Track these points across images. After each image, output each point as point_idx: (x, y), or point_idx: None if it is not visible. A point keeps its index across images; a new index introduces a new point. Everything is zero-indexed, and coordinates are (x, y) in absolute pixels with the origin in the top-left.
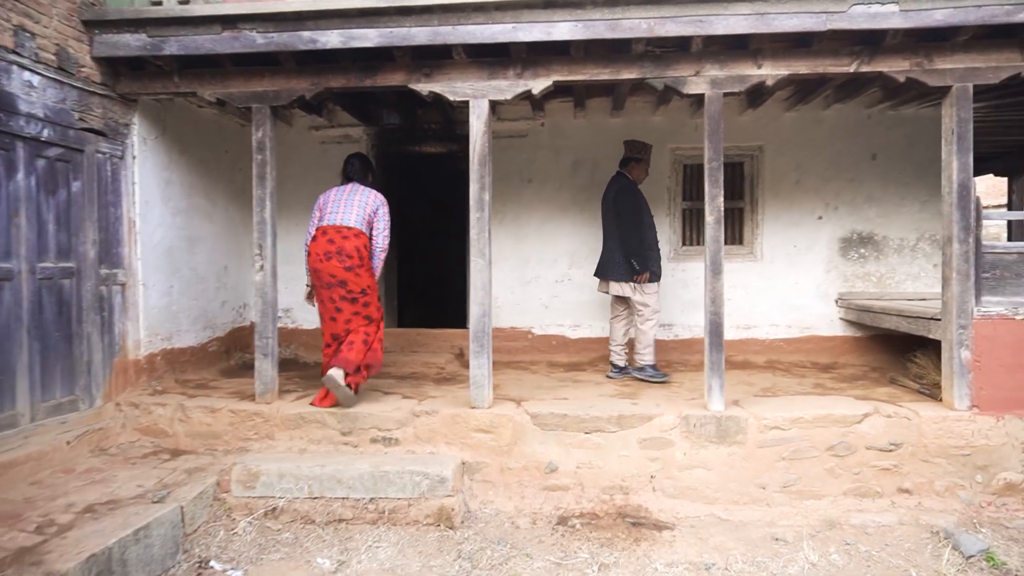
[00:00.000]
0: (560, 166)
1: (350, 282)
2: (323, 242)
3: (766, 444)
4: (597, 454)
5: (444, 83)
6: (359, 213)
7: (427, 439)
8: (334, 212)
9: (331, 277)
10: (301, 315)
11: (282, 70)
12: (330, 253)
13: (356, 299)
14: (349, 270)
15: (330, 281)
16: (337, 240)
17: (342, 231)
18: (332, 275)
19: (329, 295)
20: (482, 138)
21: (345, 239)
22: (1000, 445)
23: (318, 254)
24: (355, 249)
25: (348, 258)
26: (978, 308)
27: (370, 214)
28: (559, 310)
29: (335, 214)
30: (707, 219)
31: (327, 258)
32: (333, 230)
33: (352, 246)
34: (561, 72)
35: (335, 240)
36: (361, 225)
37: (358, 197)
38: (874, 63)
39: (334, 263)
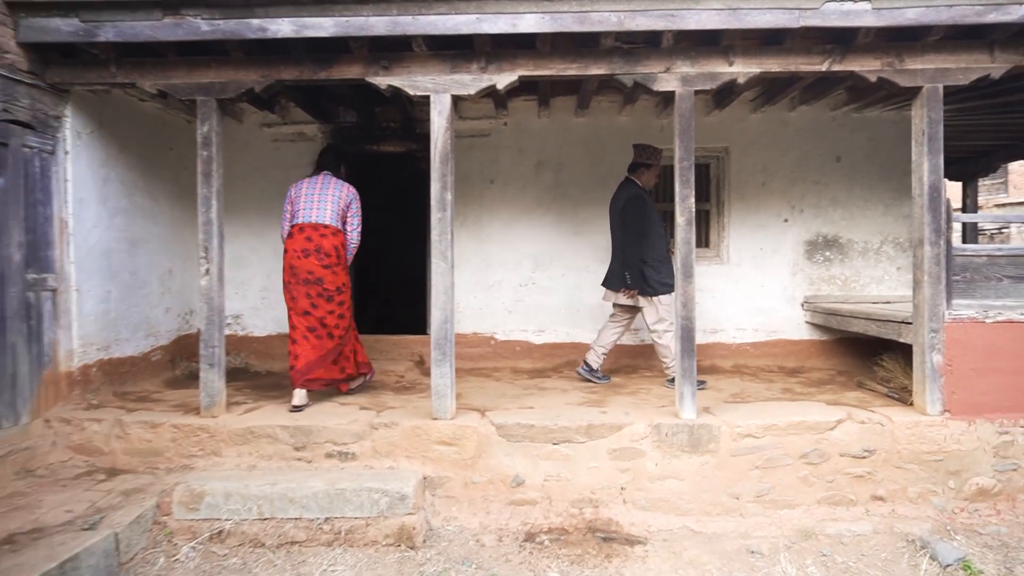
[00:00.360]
0: (524, 166)
1: (327, 280)
2: (301, 239)
3: (739, 452)
4: (565, 466)
5: (404, 77)
6: (333, 208)
7: (386, 453)
8: (308, 208)
9: (308, 274)
10: (252, 321)
11: (229, 61)
12: (308, 251)
13: (332, 297)
14: (327, 268)
15: (307, 278)
16: (315, 238)
17: (319, 229)
18: (310, 272)
19: (306, 291)
20: (444, 134)
21: (323, 237)
22: (972, 450)
23: (296, 251)
24: (332, 247)
25: (326, 256)
26: (949, 311)
27: (343, 208)
28: (523, 315)
29: (310, 210)
30: (678, 220)
31: (305, 255)
32: (310, 228)
33: (330, 244)
34: (527, 66)
35: (313, 238)
36: (336, 222)
37: (331, 191)
38: (846, 62)
39: (312, 260)
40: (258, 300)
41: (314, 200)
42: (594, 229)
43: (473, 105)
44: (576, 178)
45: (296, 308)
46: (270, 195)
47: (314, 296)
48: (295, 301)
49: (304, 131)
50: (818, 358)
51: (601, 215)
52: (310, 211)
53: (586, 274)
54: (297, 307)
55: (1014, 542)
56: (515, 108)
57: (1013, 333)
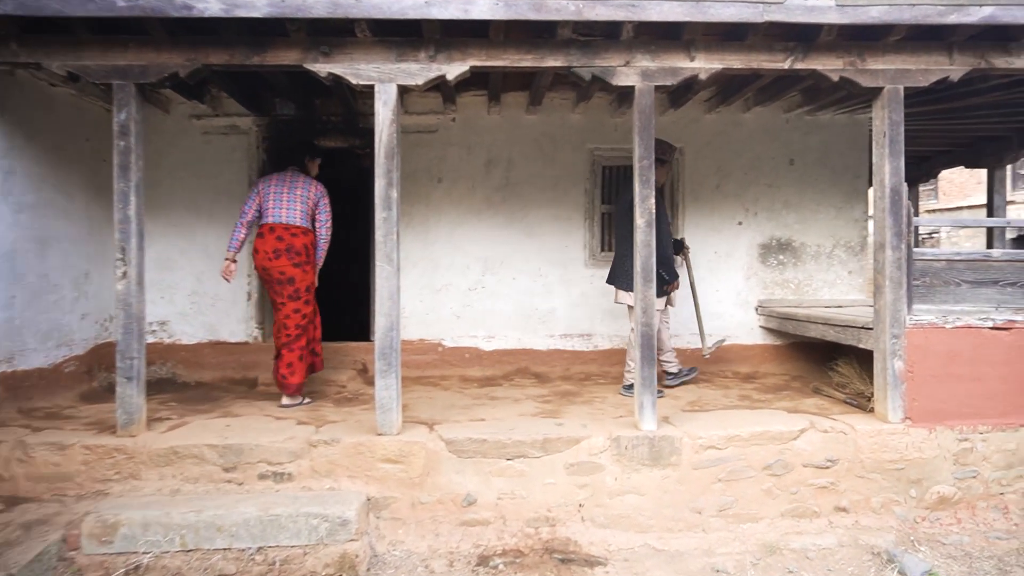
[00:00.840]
0: (473, 165)
1: (298, 279)
2: (271, 240)
3: (702, 465)
4: (520, 482)
5: (346, 64)
6: (302, 208)
7: (326, 472)
8: (277, 208)
9: (280, 274)
10: (180, 328)
11: (150, 41)
12: (279, 251)
13: (300, 297)
14: (297, 267)
15: (279, 278)
16: (286, 238)
17: (291, 229)
18: (281, 272)
19: (278, 290)
20: (389, 127)
21: (294, 236)
22: (933, 458)
23: (266, 252)
24: (303, 246)
25: (297, 255)
26: (910, 316)
27: (312, 207)
28: (472, 320)
29: (279, 210)
30: (637, 222)
31: (276, 256)
32: (281, 228)
33: (300, 243)
34: (479, 57)
35: (284, 238)
36: (306, 223)
37: (300, 190)
38: (808, 60)
39: (283, 260)
40: (187, 305)
41: (283, 199)
42: (546, 231)
43: (420, 99)
44: (528, 177)
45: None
46: (200, 191)
47: (284, 296)
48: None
49: (237, 124)
50: (772, 363)
51: (554, 216)
52: (279, 211)
53: (538, 278)
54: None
55: (976, 551)
56: (464, 103)
57: (971, 339)
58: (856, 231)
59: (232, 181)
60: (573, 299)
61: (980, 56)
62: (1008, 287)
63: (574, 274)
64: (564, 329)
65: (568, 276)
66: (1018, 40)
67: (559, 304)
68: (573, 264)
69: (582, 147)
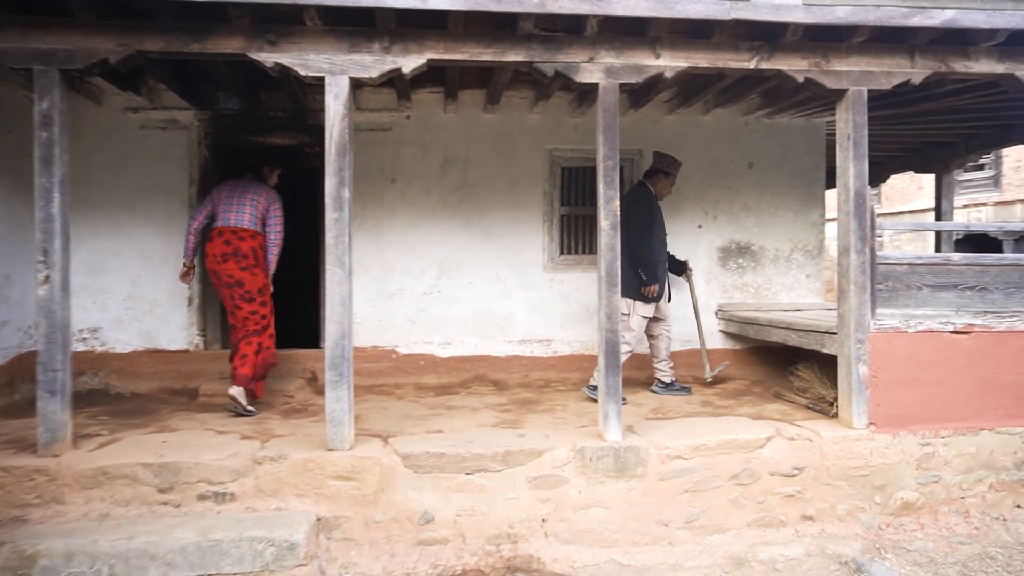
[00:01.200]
0: (428, 165)
1: (247, 282)
2: (219, 244)
3: (668, 476)
4: (480, 498)
5: (294, 54)
6: (252, 213)
7: (272, 491)
8: (227, 212)
9: (229, 278)
10: (113, 335)
11: (77, 23)
12: (227, 255)
13: (254, 299)
14: (245, 270)
15: (228, 281)
16: (234, 242)
17: (239, 233)
18: (230, 275)
19: (229, 294)
20: (341, 123)
21: (241, 240)
22: (896, 463)
23: (215, 256)
24: (251, 250)
25: (244, 258)
26: (874, 321)
27: (263, 212)
28: (427, 326)
29: (229, 214)
30: (601, 224)
31: (224, 260)
32: (229, 232)
33: (248, 247)
34: (436, 49)
35: (231, 242)
36: (255, 226)
37: (250, 195)
38: (774, 60)
39: (231, 264)
40: (121, 311)
41: (233, 204)
42: (504, 234)
43: (373, 96)
44: (485, 178)
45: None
46: (137, 189)
47: (237, 299)
48: (223, 302)
49: (177, 118)
50: (732, 367)
51: (513, 218)
52: (228, 215)
53: (496, 282)
54: (225, 306)
55: (941, 557)
56: (419, 100)
57: (933, 342)
58: (814, 235)
59: (171, 179)
60: (532, 304)
61: (940, 60)
62: (967, 291)
63: (533, 278)
64: (523, 335)
65: (527, 280)
66: (976, 44)
67: (518, 309)
68: (532, 268)
69: (541, 148)
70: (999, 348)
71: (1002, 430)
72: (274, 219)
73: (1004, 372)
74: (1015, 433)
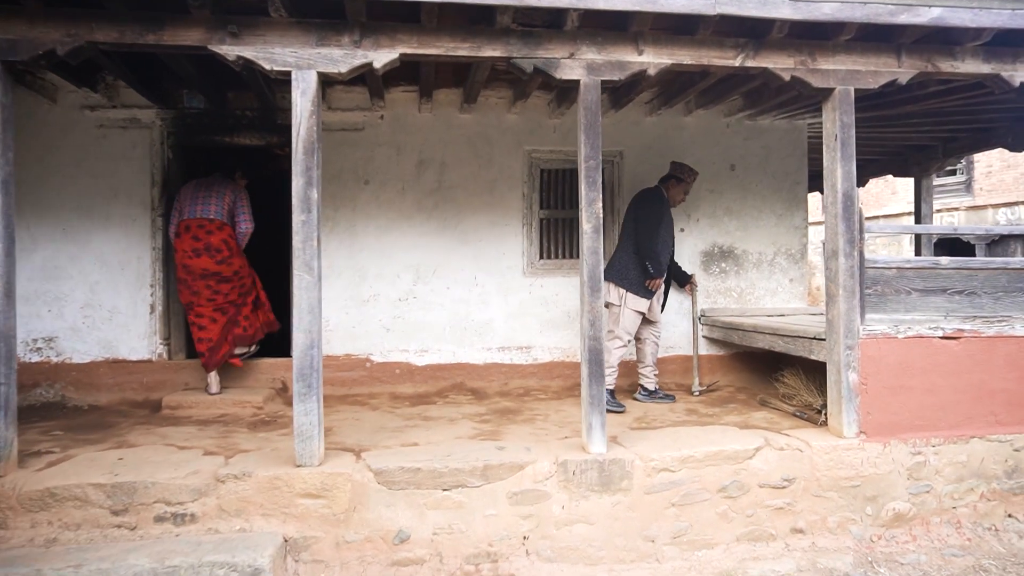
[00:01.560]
0: (403, 166)
1: (224, 271)
2: (188, 239)
3: (654, 490)
4: (458, 515)
5: (258, 47)
6: (218, 204)
7: (236, 511)
8: (193, 205)
9: (203, 271)
10: (70, 345)
11: (22, 12)
12: (198, 250)
13: (231, 280)
14: (221, 263)
15: (204, 273)
16: (202, 236)
17: (205, 225)
18: (204, 269)
19: (205, 283)
20: (309, 120)
21: (210, 234)
22: (888, 473)
23: (186, 251)
24: (222, 242)
25: (217, 252)
26: (863, 327)
27: (230, 204)
28: (403, 333)
29: (195, 207)
30: (584, 227)
31: (196, 255)
32: (195, 225)
33: (218, 239)
34: (410, 43)
35: (200, 237)
36: (223, 216)
37: (216, 188)
38: (759, 58)
39: (204, 259)
40: (79, 319)
41: (199, 197)
42: (482, 238)
43: (345, 94)
44: (462, 180)
45: (200, 299)
46: (95, 192)
47: (215, 284)
48: (197, 295)
49: (138, 116)
50: (716, 374)
51: (490, 222)
52: (195, 207)
53: (473, 287)
54: (201, 298)
55: (934, 570)
56: (393, 100)
57: (923, 348)
58: (797, 238)
59: (132, 180)
60: (511, 310)
61: (927, 59)
62: (956, 295)
63: (512, 283)
64: (502, 342)
65: (506, 285)
66: (962, 44)
67: (496, 315)
68: (511, 273)
69: (519, 149)
70: (989, 354)
71: (992, 437)
72: (242, 213)
73: (994, 378)
74: (1005, 441)
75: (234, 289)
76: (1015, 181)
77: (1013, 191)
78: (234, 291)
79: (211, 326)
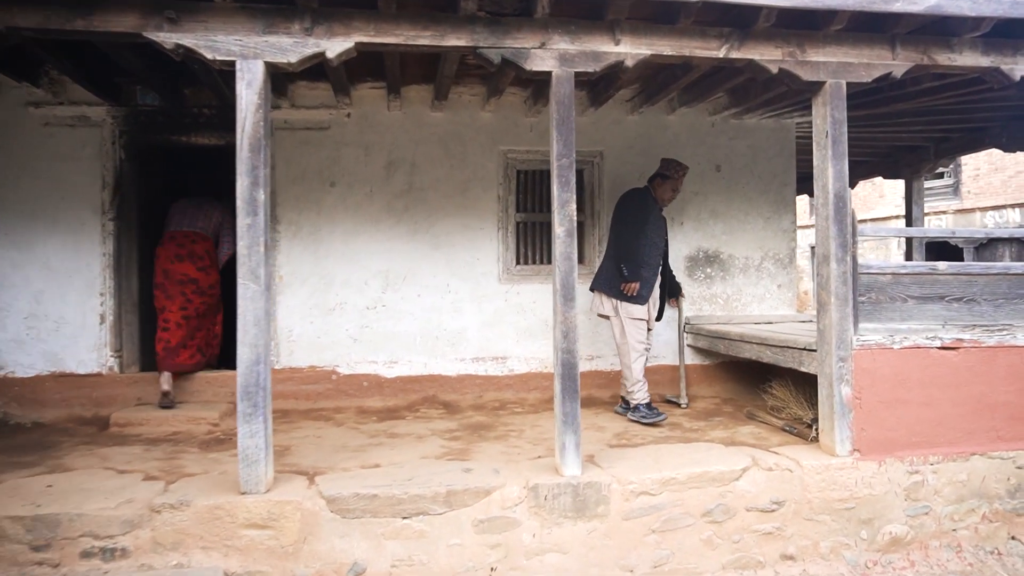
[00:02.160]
0: (371, 167)
1: (201, 280)
2: (172, 247)
3: (633, 515)
4: (420, 545)
5: (199, 35)
6: (205, 222)
7: (173, 544)
8: (180, 219)
9: (183, 275)
10: (13, 358)
11: None
12: (181, 256)
13: (205, 292)
14: (201, 270)
15: (182, 279)
16: (186, 244)
17: (190, 235)
18: (184, 274)
19: (181, 290)
20: (255, 114)
21: (194, 243)
22: (883, 494)
23: (168, 256)
24: (204, 251)
25: (200, 259)
26: (856, 337)
27: (216, 224)
28: (371, 343)
29: (182, 220)
30: (556, 231)
31: (178, 260)
32: (181, 235)
33: (201, 248)
34: (366, 31)
35: (184, 244)
36: (207, 231)
37: (206, 208)
38: (745, 49)
39: (186, 264)
40: (22, 330)
41: (188, 213)
42: (455, 242)
43: (309, 91)
44: (434, 182)
45: (172, 304)
46: (40, 194)
47: (189, 294)
48: (171, 300)
49: (88, 114)
50: (700, 384)
51: (464, 226)
52: (182, 221)
53: (446, 294)
54: (174, 304)
55: None
56: (361, 97)
57: (920, 360)
58: (785, 242)
59: (81, 182)
60: (486, 318)
61: (923, 52)
62: (954, 302)
63: (487, 289)
64: (476, 352)
65: (480, 292)
66: (960, 36)
67: (470, 324)
68: (485, 279)
69: (494, 149)
70: (989, 365)
71: (994, 454)
72: (227, 235)
73: (995, 391)
74: (1008, 457)
75: (204, 303)
76: (1003, 184)
77: (1001, 194)
78: (204, 305)
79: (175, 330)
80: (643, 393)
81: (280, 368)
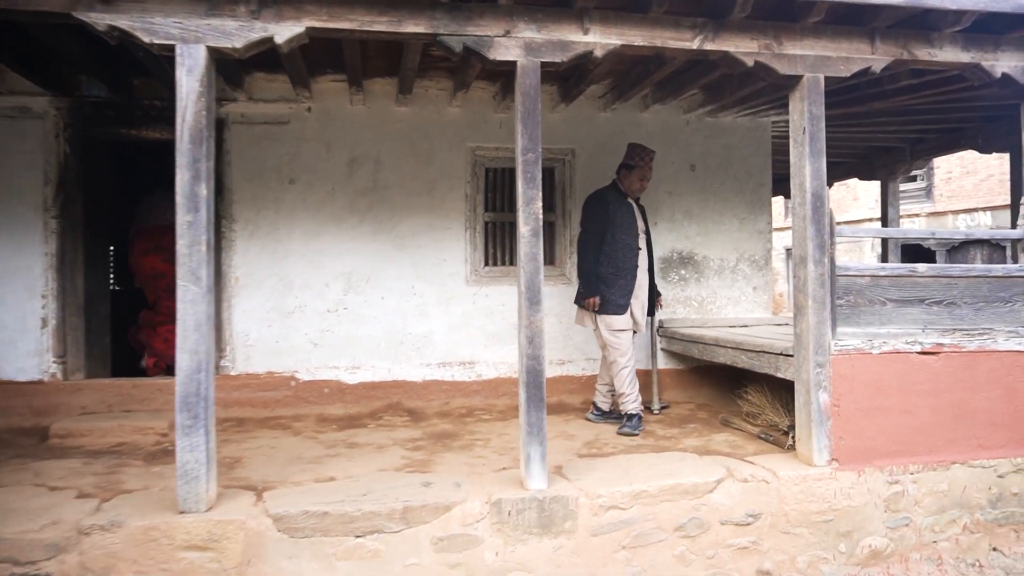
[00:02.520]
0: (333, 164)
1: (168, 274)
2: (140, 243)
3: (602, 531)
4: (374, 566)
5: (135, 16)
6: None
7: (103, 570)
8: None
9: (152, 269)
10: None
11: None
12: (148, 249)
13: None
14: (167, 262)
15: (152, 274)
16: (155, 237)
17: (159, 229)
18: (153, 267)
19: (152, 287)
20: (196, 103)
21: (163, 235)
22: (863, 505)
23: (137, 253)
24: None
25: (167, 252)
26: (834, 341)
27: None
28: (332, 348)
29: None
30: (521, 230)
31: (145, 254)
32: (150, 229)
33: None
34: (318, 15)
35: (153, 238)
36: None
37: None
38: (719, 41)
39: (152, 258)
40: None
41: (158, 207)
42: (421, 243)
43: (267, 83)
44: (399, 180)
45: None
46: None
47: (159, 290)
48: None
49: (29, 105)
50: (674, 389)
51: (430, 225)
52: (149, 215)
53: (411, 297)
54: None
55: None
56: (322, 90)
57: (899, 365)
58: (761, 244)
59: (21, 177)
60: (453, 321)
61: (903, 46)
62: (934, 305)
63: (454, 292)
64: (442, 357)
65: (447, 295)
66: (940, 30)
67: (436, 327)
68: (453, 281)
69: (462, 146)
70: (970, 370)
71: (975, 463)
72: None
73: (976, 397)
74: (989, 466)
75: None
76: (975, 187)
77: (973, 197)
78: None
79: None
80: (636, 404)
81: (236, 374)
